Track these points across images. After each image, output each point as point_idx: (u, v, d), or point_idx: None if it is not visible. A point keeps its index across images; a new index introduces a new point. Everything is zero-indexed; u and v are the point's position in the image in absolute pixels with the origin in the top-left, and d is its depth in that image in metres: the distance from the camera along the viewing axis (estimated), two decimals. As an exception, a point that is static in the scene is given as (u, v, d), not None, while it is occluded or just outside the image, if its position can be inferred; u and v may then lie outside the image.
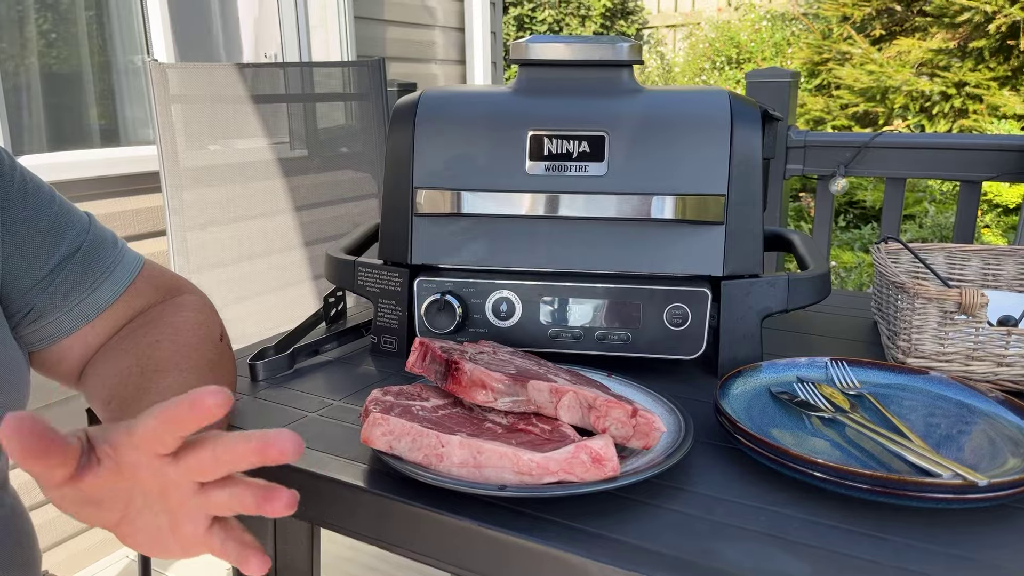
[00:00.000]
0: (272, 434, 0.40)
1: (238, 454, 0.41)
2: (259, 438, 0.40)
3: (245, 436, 0.41)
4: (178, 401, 0.40)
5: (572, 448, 0.54)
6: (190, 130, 1.89)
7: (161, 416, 0.41)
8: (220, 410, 0.39)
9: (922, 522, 0.53)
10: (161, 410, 0.41)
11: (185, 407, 0.40)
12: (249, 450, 0.41)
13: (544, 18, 7.20)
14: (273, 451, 0.40)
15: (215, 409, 0.39)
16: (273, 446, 0.40)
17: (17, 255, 0.64)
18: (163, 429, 0.41)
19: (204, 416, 0.40)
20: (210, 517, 0.45)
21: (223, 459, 0.42)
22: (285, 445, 0.40)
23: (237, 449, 0.41)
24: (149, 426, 0.41)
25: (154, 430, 0.41)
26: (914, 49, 4.49)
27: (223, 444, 0.42)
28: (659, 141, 0.78)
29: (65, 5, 2.09)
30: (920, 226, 3.87)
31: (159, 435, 0.41)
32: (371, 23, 3.02)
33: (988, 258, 0.99)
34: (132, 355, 0.64)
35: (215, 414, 0.39)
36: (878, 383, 0.73)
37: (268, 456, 0.40)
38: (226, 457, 0.42)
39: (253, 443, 0.40)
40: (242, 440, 0.41)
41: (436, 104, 0.83)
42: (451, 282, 0.81)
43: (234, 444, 0.41)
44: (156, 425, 0.41)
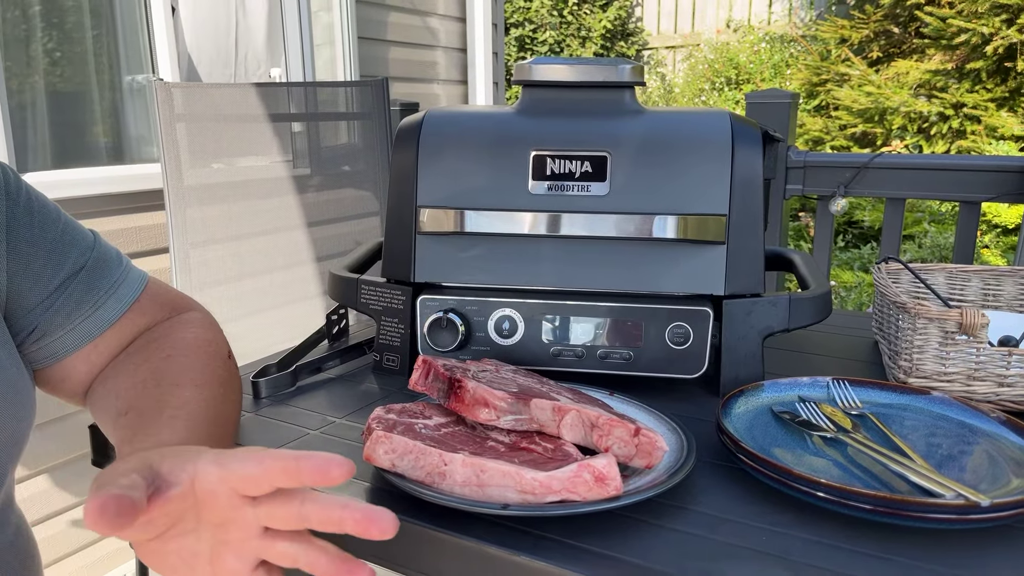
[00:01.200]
0: (375, 511, 0.38)
1: (330, 520, 0.39)
2: (361, 511, 0.39)
3: (346, 505, 0.39)
4: (301, 459, 0.38)
5: (575, 467, 0.54)
6: (194, 148, 1.90)
7: (272, 467, 0.39)
8: (341, 481, 0.38)
9: (925, 542, 0.53)
10: (273, 461, 0.39)
11: (309, 470, 0.38)
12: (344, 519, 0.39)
13: (545, 39, 7.27)
14: (374, 529, 0.38)
15: (338, 481, 0.38)
16: (374, 523, 0.38)
17: (22, 274, 0.64)
18: (267, 479, 0.40)
19: (324, 483, 0.39)
20: (259, 559, 0.44)
21: (310, 518, 0.40)
22: (387, 524, 0.38)
23: (330, 515, 0.39)
24: (247, 470, 0.40)
25: (256, 477, 0.40)
26: (912, 70, 4.53)
27: (316, 505, 0.40)
28: (661, 161, 0.79)
29: (71, 24, 2.11)
30: (920, 246, 3.88)
31: (259, 482, 0.40)
32: (374, 43, 3.05)
33: (988, 278, 1.00)
34: (146, 368, 0.64)
35: (335, 484, 0.38)
36: (880, 403, 0.73)
37: (368, 533, 0.38)
38: (315, 518, 0.40)
39: (353, 515, 0.39)
40: (342, 508, 0.39)
41: (440, 124, 0.84)
42: (454, 300, 0.81)
43: (329, 509, 0.39)
44: (261, 474, 0.40)
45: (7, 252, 0.63)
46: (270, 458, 0.40)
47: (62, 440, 1.87)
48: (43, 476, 1.89)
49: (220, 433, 0.61)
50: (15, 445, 0.63)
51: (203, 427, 0.58)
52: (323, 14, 2.82)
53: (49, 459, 1.88)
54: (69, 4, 2.11)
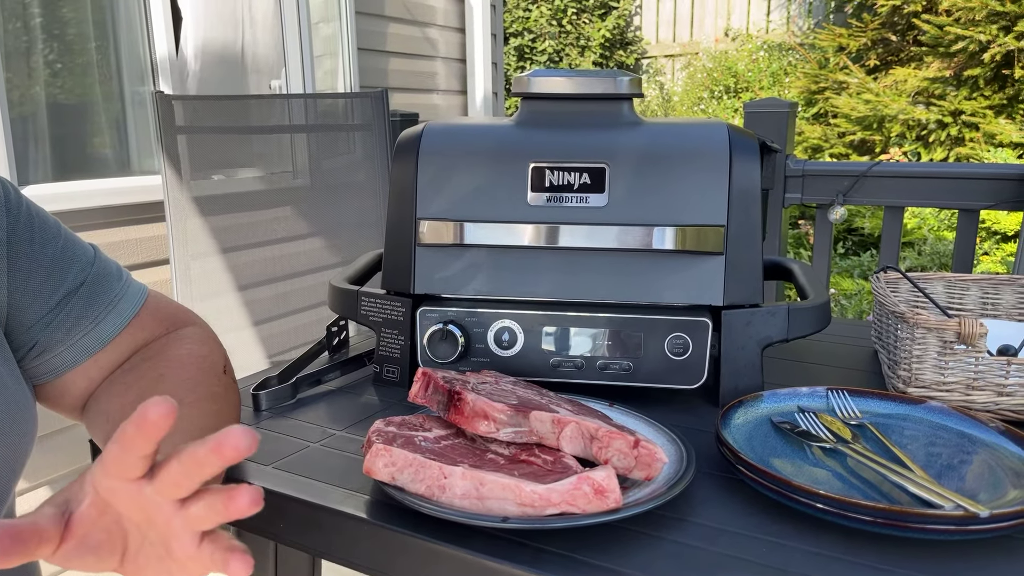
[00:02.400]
0: (223, 433, 0.41)
1: (198, 458, 0.42)
2: (213, 439, 0.42)
3: (202, 441, 0.42)
4: (128, 422, 0.42)
5: (574, 480, 0.54)
6: (195, 160, 1.91)
7: (119, 440, 0.42)
8: (165, 418, 0.41)
9: (924, 553, 0.53)
10: (119, 434, 0.43)
11: (134, 426, 0.41)
12: (207, 452, 0.42)
13: (544, 48, 7.29)
14: (228, 449, 0.41)
15: (159, 420, 0.41)
16: (226, 444, 0.41)
17: (22, 290, 0.64)
18: (124, 451, 0.43)
19: (152, 430, 0.41)
20: (198, 533, 0.46)
21: (188, 466, 0.43)
22: (238, 441, 0.41)
23: (197, 454, 0.42)
24: (112, 453, 0.43)
25: (117, 456, 0.43)
26: (910, 78, 4.54)
27: (185, 452, 0.43)
28: (659, 173, 0.79)
29: (71, 36, 2.12)
30: (919, 253, 3.89)
31: (124, 459, 0.43)
32: (374, 54, 3.07)
33: (987, 287, 1.00)
34: (135, 390, 0.64)
35: (160, 425, 0.41)
36: (879, 413, 0.73)
37: (224, 455, 0.41)
38: (189, 463, 0.43)
39: (209, 445, 0.42)
40: (199, 445, 0.42)
41: (439, 137, 0.84)
42: (453, 312, 0.82)
43: (193, 450, 0.42)
44: (118, 450, 0.43)
45: (7, 268, 0.63)
46: (120, 432, 0.43)
47: (63, 452, 1.87)
48: (43, 489, 1.89)
49: None
50: (17, 461, 0.63)
51: None
52: (323, 26, 2.83)
53: (50, 471, 1.88)
54: (70, 16, 2.12)
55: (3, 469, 0.61)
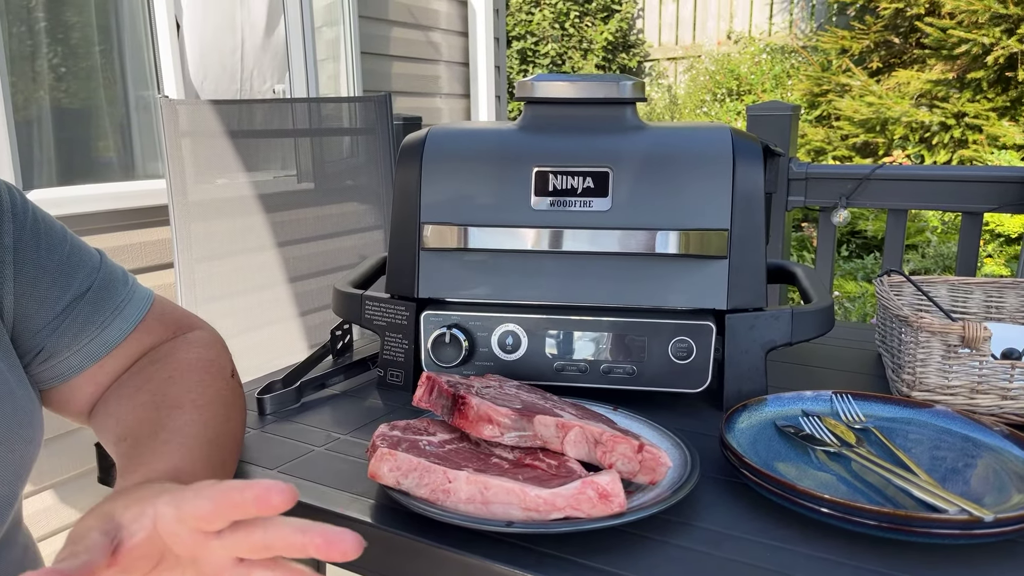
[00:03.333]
0: (334, 533, 0.38)
1: (293, 546, 0.40)
2: (321, 535, 0.39)
3: (304, 528, 0.39)
4: (240, 489, 0.39)
5: (579, 484, 0.54)
6: (199, 164, 1.91)
7: (218, 501, 0.40)
8: (285, 507, 0.38)
9: (928, 558, 0.53)
10: (218, 494, 0.40)
11: (249, 500, 0.39)
12: (306, 544, 0.39)
13: (547, 51, 7.30)
14: (335, 551, 0.38)
15: (280, 507, 0.38)
16: (335, 546, 0.38)
17: (29, 296, 0.65)
18: (217, 514, 0.40)
19: (268, 511, 0.39)
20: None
21: (275, 546, 0.40)
22: (348, 546, 0.38)
23: (293, 540, 0.40)
24: (201, 508, 0.41)
25: (207, 513, 0.40)
26: (913, 81, 4.54)
27: (278, 533, 0.40)
28: (662, 177, 0.80)
29: (76, 40, 2.13)
30: (923, 256, 3.88)
31: (210, 518, 0.41)
32: (377, 58, 3.07)
33: (991, 290, 1.00)
34: (146, 392, 0.64)
35: (279, 511, 0.38)
36: (883, 417, 0.73)
37: (329, 555, 0.38)
38: (278, 545, 0.40)
39: (314, 539, 0.39)
40: (300, 532, 0.39)
41: (443, 141, 0.85)
42: (457, 316, 0.82)
43: (290, 535, 0.40)
44: (210, 509, 0.40)
45: (14, 274, 0.64)
46: (220, 492, 0.40)
47: (68, 456, 1.88)
48: (49, 492, 1.89)
49: (220, 454, 0.61)
50: (24, 465, 0.63)
51: (200, 449, 0.59)
52: (326, 30, 2.84)
53: (55, 475, 1.89)
54: (74, 21, 2.13)
55: (10, 473, 0.61)
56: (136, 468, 0.55)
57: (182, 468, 0.55)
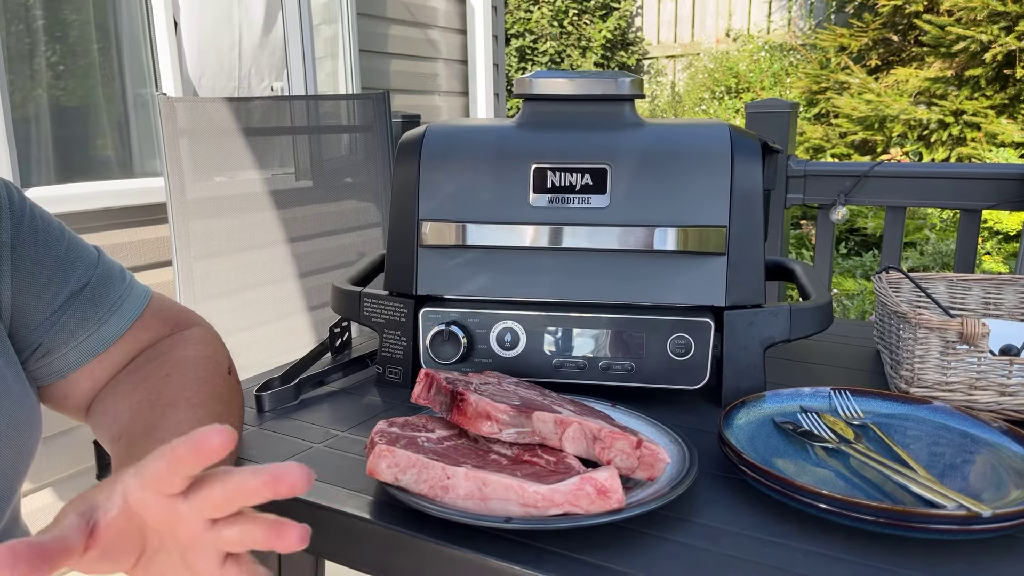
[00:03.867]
0: (281, 468, 0.40)
1: (248, 489, 0.41)
2: (269, 472, 0.40)
3: (254, 471, 0.41)
4: (182, 442, 0.40)
5: (577, 480, 0.54)
6: (197, 162, 1.91)
7: (167, 458, 0.41)
8: (224, 449, 0.40)
9: (927, 553, 0.53)
10: (167, 451, 0.41)
11: (190, 448, 0.40)
12: (259, 484, 0.41)
13: (546, 49, 7.30)
14: (283, 485, 0.40)
15: (220, 448, 0.40)
16: (283, 480, 0.40)
17: (26, 292, 0.65)
18: (170, 471, 0.41)
19: (209, 456, 0.40)
20: (223, 553, 0.45)
21: (233, 495, 0.42)
22: (295, 479, 0.40)
23: (247, 484, 0.41)
24: (156, 468, 0.42)
25: (160, 472, 0.42)
26: (911, 78, 4.54)
27: (232, 480, 0.42)
28: (661, 174, 0.80)
29: (74, 38, 2.13)
30: (921, 253, 3.88)
31: (166, 477, 0.42)
32: (376, 56, 3.07)
33: (989, 287, 1.00)
34: (142, 390, 0.64)
35: (219, 453, 0.40)
36: (882, 413, 0.73)
37: (278, 490, 0.40)
38: (235, 493, 0.42)
39: (263, 477, 0.41)
40: (251, 475, 0.41)
41: (441, 138, 0.85)
42: (456, 313, 0.82)
43: (243, 479, 0.41)
44: (163, 467, 0.41)
45: (12, 271, 0.64)
46: (168, 448, 0.41)
47: (66, 454, 1.88)
48: (47, 490, 1.89)
49: None
50: (22, 462, 0.63)
51: None
52: (325, 27, 2.84)
53: (53, 473, 1.89)
54: (73, 19, 2.12)
55: (8, 470, 0.61)
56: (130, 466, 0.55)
57: None
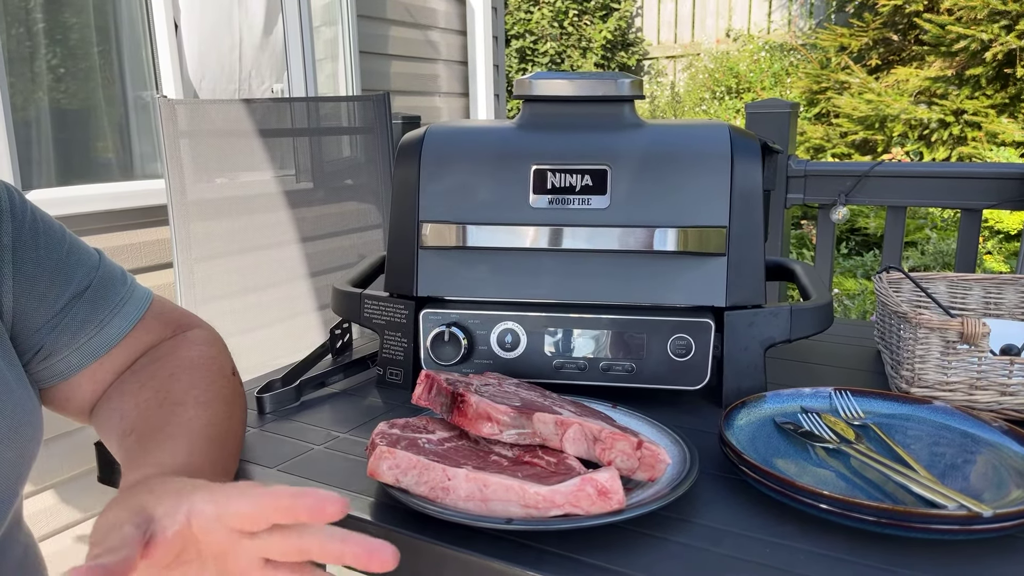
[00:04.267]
0: (376, 545, 0.39)
1: (330, 553, 0.40)
2: (362, 545, 0.39)
3: (343, 538, 0.39)
4: (293, 496, 0.39)
5: (578, 481, 0.54)
6: (198, 164, 1.91)
7: (270, 506, 0.40)
8: (337, 518, 0.38)
9: (928, 553, 0.53)
10: (271, 498, 0.40)
11: (303, 508, 0.39)
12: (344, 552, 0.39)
13: (546, 50, 7.30)
14: (375, 562, 0.38)
15: (333, 518, 0.38)
16: (375, 557, 0.38)
17: (28, 295, 0.65)
18: (263, 516, 0.40)
19: (319, 520, 0.39)
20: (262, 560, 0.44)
21: (310, 551, 0.40)
22: (386, 558, 0.38)
23: (330, 548, 0.40)
24: (245, 509, 0.41)
25: (248, 515, 0.41)
26: (911, 78, 4.54)
27: (315, 538, 0.40)
28: (661, 174, 0.80)
29: (74, 40, 2.13)
30: (922, 253, 3.88)
31: (254, 520, 0.41)
32: (376, 57, 3.07)
33: (989, 287, 1.00)
34: (149, 388, 0.64)
35: (331, 519, 0.39)
36: (882, 413, 0.73)
37: (368, 566, 0.39)
38: (315, 551, 0.40)
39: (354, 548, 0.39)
40: (339, 541, 0.39)
41: (441, 140, 0.85)
42: (456, 314, 0.82)
43: (329, 542, 0.40)
44: (259, 512, 0.40)
45: (13, 273, 0.64)
46: (266, 496, 0.40)
47: (68, 456, 1.88)
48: (49, 492, 1.89)
49: (223, 452, 0.61)
50: (24, 464, 0.63)
51: (205, 446, 0.59)
52: (325, 29, 2.84)
53: (55, 475, 1.89)
54: (73, 21, 2.13)
55: (10, 472, 0.61)
56: (143, 462, 0.55)
57: (190, 464, 0.55)
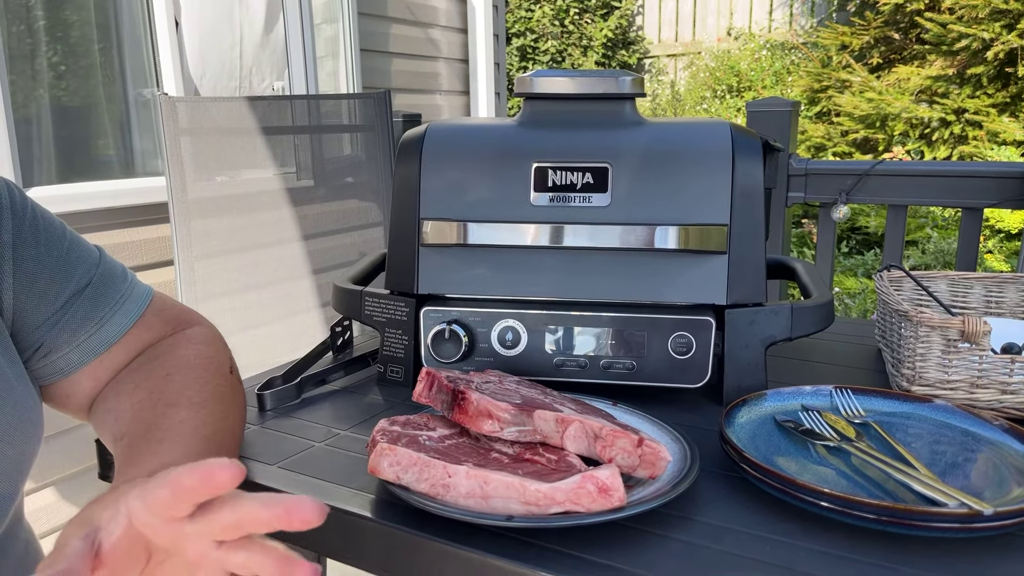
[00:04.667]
0: (294, 503, 0.40)
1: (259, 520, 0.41)
2: (282, 506, 0.40)
3: (266, 502, 0.41)
4: (188, 472, 0.40)
5: (578, 478, 0.54)
6: (198, 161, 1.91)
7: (174, 487, 0.41)
8: (232, 484, 0.40)
9: (929, 551, 0.53)
10: (173, 480, 0.41)
11: (196, 480, 0.40)
12: (270, 517, 0.40)
13: (547, 48, 7.29)
14: (295, 520, 0.40)
15: (227, 483, 0.40)
16: (295, 515, 0.40)
17: (28, 292, 0.65)
18: (175, 499, 0.42)
19: (216, 489, 0.40)
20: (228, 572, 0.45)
21: (243, 523, 0.42)
22: (308, 514, 0.40)
23: (258, 515, 0.41)
24: (161, 496, 0.42)
25: (166, 500, 0.42)
26: (913, 76, 4.53)
27: (243, 508, 0.42)
28: (662, 172, 0.80)
29: (75, 38, 2.13)
30: (923, 252, 3.88)
31: (172, 505, 0.42)
32: (377, 55, 3.07)
33: (991, 285, 1.00)
34: (143, 389, 0.64)
35: (226, 488, 0.40)
36: (883, 411, 0.73)
37: (291, 524, 0.40)
38: (246, 522, 0.42)
39: (275, 511, 0.40)
40: (263, 507, 0.41)
41: (442, 137, 0.85)
42: (457, 311, 0.82)
43: (254, 510, 0.41)
44: (168, 496, 0.42)
45: (13, 271, 0.64)
46: (173, 478, 0.41)
47: (69, 453, 1.88)
48: (50, 489, 1.89)
49: (217, 451, 0.61)
50: (25, 461, 0.63)
51: (197, 446, 0.59)
52: (326, 27, 2.84)
53: (56, 472, 1.89)
54: (74, 19, 2.12)
55: (11, 469, 0.61)
56: (131, 467, 0.55)
57: (176, 465, 0.55)
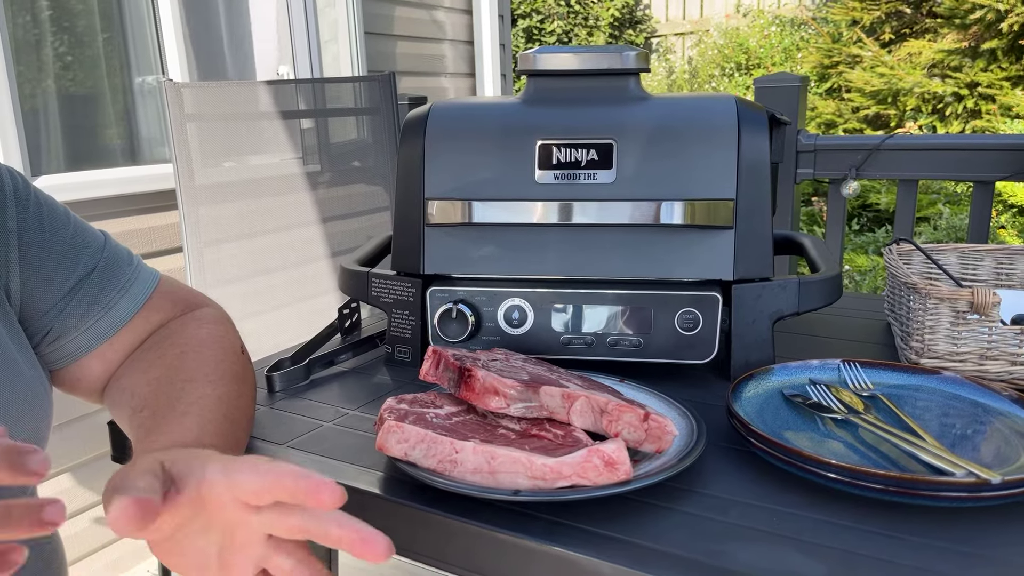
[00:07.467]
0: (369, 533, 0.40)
1: (327, 536, 0.41)
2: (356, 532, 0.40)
3: (340, 522, 0.41)
4: (296, 477, 0.41)
5: (585, 452, 0.54)
6: (205, 148, 1.91)
7: (274, 483, 0.41)
8: (332, 506, 0.40)
9: (936, 521, 0.53)
10: (274, 474, 0.41)
11: (302, 489, 0.40)
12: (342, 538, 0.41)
13: (553, 29, 7.24)
14: (368, 553, 0.40)
15: (327, 504, 0.40)
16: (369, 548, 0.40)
17: (35, 278, 0.65)
18: (266, 491, 0.42)
19: (314, 504, 0.41)
20: (261, 565, 0.46)
21: (310, 532, 0.42)
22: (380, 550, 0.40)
23: (327, 531, 0.41)
24: (254, 484, 0.42)
25: (255, 488, 0.42)
26: (925, 50, 4.47)
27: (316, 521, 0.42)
28: (667, 148, 0.79)
29: (81, 27, 2.13)
30: (935, 228, 3.84)
31: (261, 495, 0.42)
32: (381, 38, 3.05)
33: (1001, 257, 0.99)
34: (159, 366, 0.65)
35: (325, 508, 0.40)
36: (891, 384, 0.73)
37: (362, 555, 0.40)
38: (314, 533, 0.42)
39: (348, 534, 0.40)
40: (335, 525, 0.41)
41: (445, 116, 0.84)
42: (463, 291, 0.82)
43: (327, 526, 0.42)
44: (264, 488, 0.42)
45: (19, 258, 0.64)
46: (272, 473, 0.42)
47: (83, 439, 1.90)
48: (65, 475, 1.92)
49: (234, 429, 0.61)
50: (37, 445, 0.64)
51: (216, 423, 0.59)
52: (329, 10, 2.82)
53: (70, 458, 1.91)
54: (79, 8, 2.12)
55: (24, 451, 0.62)
56: (156, 436, 0.55)
57: (202, 440, 0.56)
